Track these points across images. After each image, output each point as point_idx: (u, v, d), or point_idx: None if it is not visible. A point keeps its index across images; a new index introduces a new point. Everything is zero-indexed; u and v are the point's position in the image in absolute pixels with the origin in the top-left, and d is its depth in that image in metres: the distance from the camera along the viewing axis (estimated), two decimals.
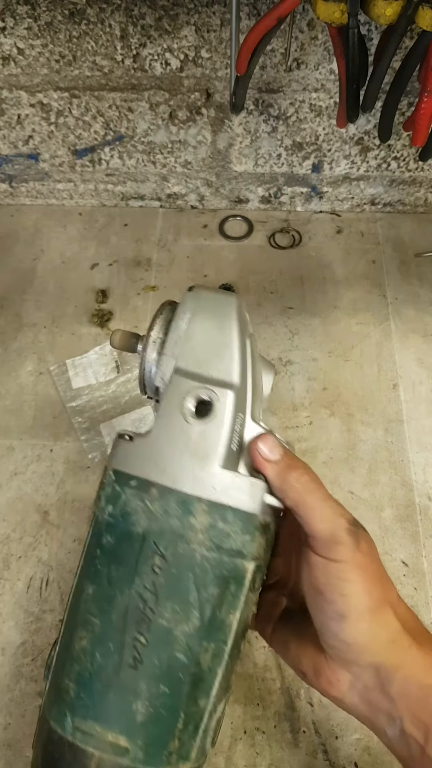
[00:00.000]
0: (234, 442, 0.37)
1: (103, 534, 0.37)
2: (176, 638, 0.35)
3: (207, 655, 0.36)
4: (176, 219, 0.85)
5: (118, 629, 0.36)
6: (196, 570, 0.35)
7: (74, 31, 0.64)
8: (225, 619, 0.36)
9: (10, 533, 0.61)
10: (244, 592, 0.37)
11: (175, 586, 0.35)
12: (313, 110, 0.71)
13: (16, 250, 0.82)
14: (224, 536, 0.36)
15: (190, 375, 0.38)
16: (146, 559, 0.36)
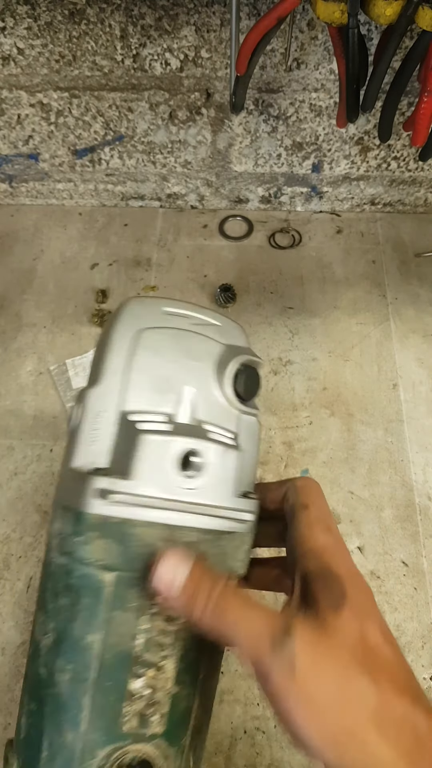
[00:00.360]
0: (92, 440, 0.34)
1: None
2: (40, 651, 0.33)
3: (64, 675, 0.32)
4: (176, 219, 0.85)
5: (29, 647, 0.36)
6: (52, 578, 0.33)
7: (74, 31, 0.64)
8: (81, 638, 0.32)
9: (10, 533, 0.61)
10: (103, 608, 0.32)
11: (42, 596, 0.34)
12: (313, 110, 0.71)
13: (16, 250, 0.82)
14: (63, 540, 0.33)
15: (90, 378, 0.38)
16: (42, 568, 0.35)
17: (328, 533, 0.34)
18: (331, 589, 0.31)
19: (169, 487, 0.32)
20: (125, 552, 0.31)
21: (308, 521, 0.34)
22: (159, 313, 0.37)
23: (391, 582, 0.58)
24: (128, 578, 0.32)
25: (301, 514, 0.35)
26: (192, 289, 0.78)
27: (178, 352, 0.36)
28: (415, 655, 0.54)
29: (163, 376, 0.35)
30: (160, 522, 0.32)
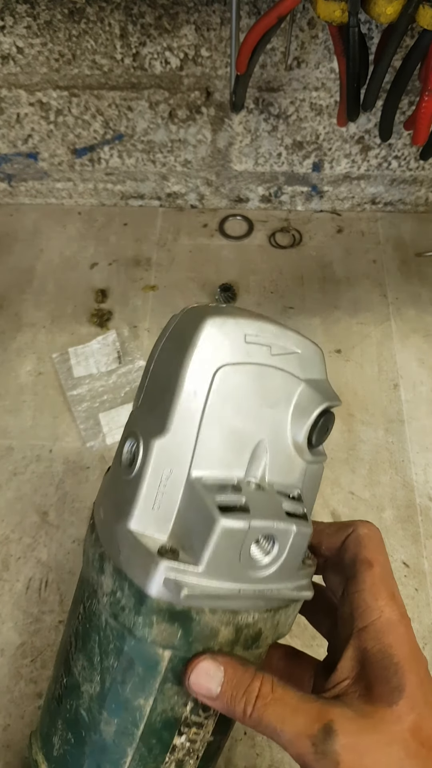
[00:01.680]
0: (157, 502, 0.31)
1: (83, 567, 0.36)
2: (82, 694, 0.33)
3: (109, 727, 0.32)
4: (176, 218, 0.85)
5: (59, 660, 0.36)
6: (101, 634, 0.32)
7: (74, 29, 0.63)
8: (131, 699, 0.32)
9: (9, 534, 0.61)
10: (158, 680, 0.31)
11: (85, 641, 0.33)
12: (314, 109, 0.70)
13: (15, 250, 0.82)
14: (120, 609, 0.31)
15: (138, 416, 0.33)
16: (78, 602, 0.34)
17: (392, 603, 0.32)
18: (388, 678, 0.29)
19: (240, 575, 0.30)
20: (187, 636, 0.31)
21: (372, 585, 0.32)
22: (240, 341, 0.32)
23: None
24: (186, 657, 0.31)
25: (365, 575, 0.32)
26: (192, 289, 0.77)
27: (256, 396, 0.32)
28: None
29: (239, 429, 0.32)
30: (226, 609, 0.31)
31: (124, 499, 0.31)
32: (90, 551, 0.33)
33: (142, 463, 0.30)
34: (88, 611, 0.33)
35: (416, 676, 0.29)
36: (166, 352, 0.33)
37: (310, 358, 0.35)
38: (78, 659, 0.33)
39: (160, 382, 0.32)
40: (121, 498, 0.32)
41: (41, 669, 0.54)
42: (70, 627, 0.35)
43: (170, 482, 0.31)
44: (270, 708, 0.29)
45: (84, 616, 0.33)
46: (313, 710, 0.29)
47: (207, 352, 0.31)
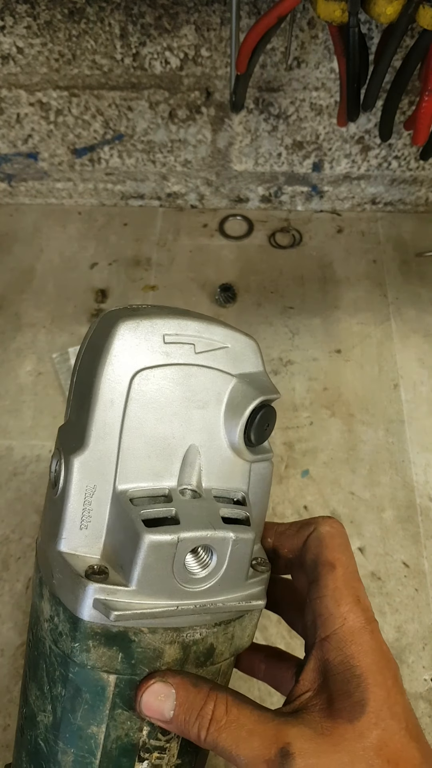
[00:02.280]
0: (83, 521, 0.29)
1: None
2: (38, 724, 0.31)
3: (67, 757, 0.31)
4: (176, 218, 0.85)
5: (22, 688, 0.34)
6: (47, 661, 0.31)
7: (74, 29, 0.63)
8: (83, 727, 0.30)
9: (9, 534, 0.61)
10: (107, 706, 0.30)
11: (35, 670, 0.32)
12: (314, 109, 0.70)
13: (15, 250, 0.82)
14: (58, 635, 0.30)
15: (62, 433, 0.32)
16: (30, 625, 0.33)
17: (356, 609, 0.30)
18: (350, 691, 0.28)
19: (177, 592, 0.29)
20: (128, 658, 0.29)
21: (334, 589, 0.30)
22: (157, 343, 0.30)
23: (391, 583, 0.58)
24: (133, 680, 0.30)
25: (327, 578, 0.31)
26: (192, 289, 0.77)
27: (180, 399, 0.30)
28: (416, 657, 0.54)
29: (163, 435, 0.30)
30: (167, 627, 0.29)
31: (53, 520, 0.30)
32: (35, 576, 0.32)
33: (65, 481, 0.29)
34: (35, 638, 0.31)
35: (381, 689, 0.28)
36: (84, 363, 0.31)
37: (242, 351, 0.33)
38: (32, 688, 0.32)
39: (80, 394, 0.30)
40: (50, 519, 0.30)
41: None
42: (26, 654, 0.34)
43: (95, 499, 0.29)
44: (224, 732, 0.28)
45: (33, 643, 0.32)
46: (269, 732, 0.27)
47: (121, 358, 0.29)
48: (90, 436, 0.29)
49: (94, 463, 0.29)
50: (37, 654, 0.31)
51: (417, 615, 0.56)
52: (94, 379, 0.29)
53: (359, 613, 0.30)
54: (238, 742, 0.27)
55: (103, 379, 0.29)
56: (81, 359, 0.32)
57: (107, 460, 0.29)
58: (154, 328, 0.30)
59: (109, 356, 0.29)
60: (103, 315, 0.32)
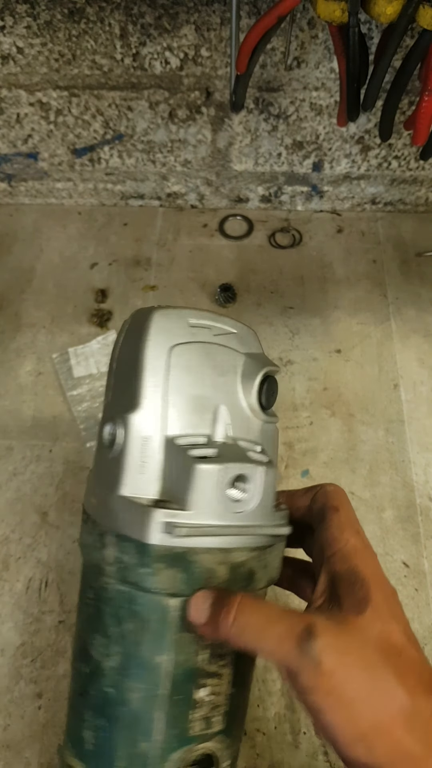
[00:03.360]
0: (143, 468, 0.35)
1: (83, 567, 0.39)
2: (105, 672, 0.35)
3: (135, 694, 0.34)
4: (176, 218, 0.85)
5: (76, 657, 0.38)
6: (112, 604, 0.35)
7: (74, 29, 0.63)
8: (150, 659, 0.34)
9: (9, 534, 0.61)
10: (171, 631, 0.34)
11: (99, 619, 0.35)
12: (314, 109, 0.70)
13: (15, 250, 0.82)
14: (127, 569, 0.34)
15: (111, 405, 0.38)
16: (85, 590, 0.37)
17: (357, 536, 0.35)
18: (355, 591, 0.32)
19: (224, 513, 0.34)
20: (188, 578, 0.34)
21: (339, 523, 0.36)
22: (186, 326, 0.37)
23: (391, 583, 0.57)
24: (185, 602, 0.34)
25: (332, 516, 0.36)
26: (192, 289, 0.77)
27: (208, 368, 0.37)
28: None
29: (198, 395, 0.36)
30: (218, 547, 0.34)
31: (113, 474, 0.35)
32: (88, 539, 0.36)
33: (124, 437, 0.35)
34: (98, 591, 0.35)
35: (382, 592, 0.32)
36: (126, 347, 0.38)
37: (246, 336, 0.40)
38: (94, 642, 0.35)
39: (125, 371, 0.37)
40: (110, 475, 0.35)
41: (41, 669, 0.54)
42: (80, 622, 0.37)
43: (150, 448, 0.35)
44: (253, 616, 0.32)
45: (94, 598, 0.36)
46: (293, 617, 0.31)
47: (160, 336, 0.36)
48: (143, 396, 0.35)
49: (148, 417, 0.35)
50: (100, 604, 0.35)
51: (417, 615, 0.56)
52: (140, 354, 0.36)
53: (359, 538, 0.35)
54: (265, 624, 0.31)
55: (148, 352, 0.36)
56: (120, 347, 0.39)
57: (157, 414, 0.35)
58: (181, 316, 0.38)
59: (150, 334, 0.36)
60: (134, 312, 0.39)
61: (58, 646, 0.55)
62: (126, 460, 0.35)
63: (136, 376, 0.35)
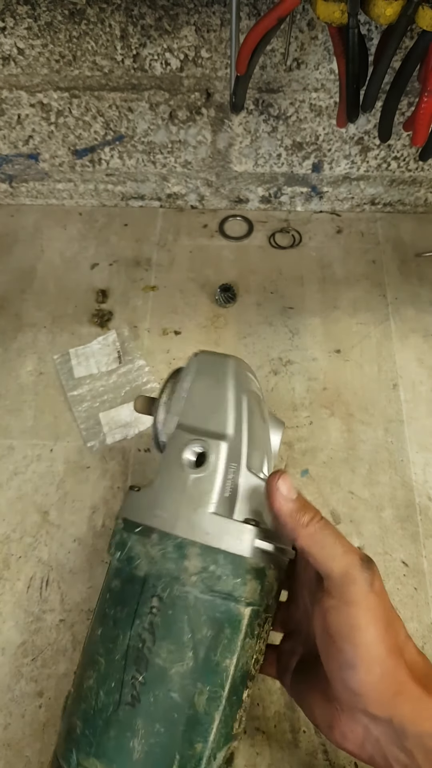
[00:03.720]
0: (227, 490, 0.40)
1: (113, 579, 0.40)
2: (171, 678, 0.36)
3: (202, 697, 0.37)
4: (176, 219, 0.85)
5: (120, 668, 0.37)
6: (190, 611, 0.37)
7: (74, 31, 0.64)
8: (220, 662, 0.37)
9: (10, 533, 0.61)
10: (241, 637, 0.38)
11: (170, 627, 0.37)
12: (313, 110, 0.71)
13: (15, 250, 0.82)
14: (215, 579, 0.37)
15: (190, 429, 0.42)
16: (146, 600, 0.38)
17: None
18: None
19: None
20: (262, 590, 0.39)
21: None
22: (248, 375, 0.46)
23: (391, 582, 0.58)
24: (258, 611, 0.39)
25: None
26: (192, 289, 0.78)
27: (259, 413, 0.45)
28: None
29: (259, 436, 0.45)
30: (281, 566, 0.41)
31: (200, 492, 0.39)
32: (154, 551, 0.39)
33: (214, 461, 0.40)
34: (169, 599, 0.38)
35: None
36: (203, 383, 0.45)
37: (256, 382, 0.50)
38: (160, 649, 0.37)
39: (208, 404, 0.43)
40: (197, 493, 0.39)
41: (42, 668, 0.54)
42: (132, 630, 0.38)
43: (233, 473, 0.41)
44: (328, 528, 0.37)
45: (162, 606, 0.38)
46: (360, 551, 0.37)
47: (239, 380, 0.44)
48: (230, 430, 0.42)
49: (234, 447, 0.41)
50: (172, 612, 0.37)
51: (416, 614, 0.56)
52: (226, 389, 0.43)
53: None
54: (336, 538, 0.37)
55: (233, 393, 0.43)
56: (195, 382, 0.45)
57: (240, 446, 0.42)
58: (246, 366, 0.48)
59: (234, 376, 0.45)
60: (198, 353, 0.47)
61: (59, 645, 0.55)
62: (216, 482, 0.39)
63: (223, 411, 0.42)
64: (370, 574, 0.35)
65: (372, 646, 0.34)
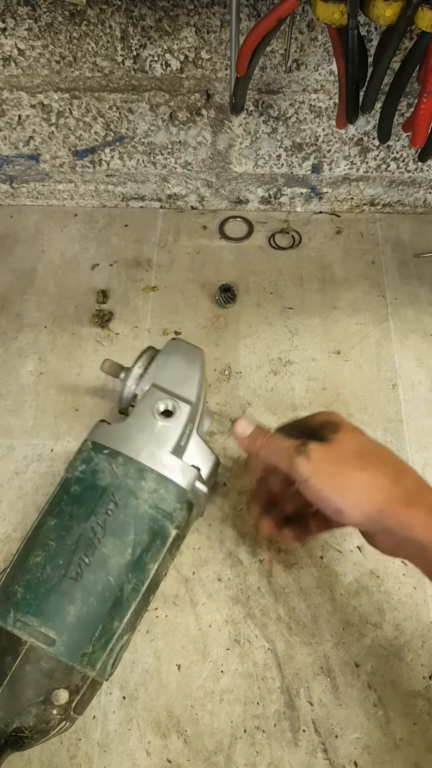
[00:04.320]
0: (183, 440, 0.53)
1: (72, 485, 0.50)
2: (110, 565, 0.47)
3: (128, 586, 0.47)
4: (176, 220, 0.85)
5: (69, 551, 0.47)
6: (137, 519, 0.48)
7: (75, 32, 0.64)
8: (147, 564, 0.49)
9: (11, 533, 0.61)
10: (165, 549, 0.50)
11: (119, 527, 0.48)
12: (313, 111, 0.71)
13: (16, 251, 0.82)
14: (162, 500, 0.49)
15: (163, 390, 0.54)
16: (103, 504, 0.48)
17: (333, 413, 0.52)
18: (331, 426, 0.48)
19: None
20: (187, 520, 0.52)
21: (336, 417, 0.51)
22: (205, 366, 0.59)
23: (390, 581, 0.58)
24: (179, 535, 0.51)
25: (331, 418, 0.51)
26: (192, 290, 0.78)
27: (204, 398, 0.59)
28: (414, 655, 0.55)
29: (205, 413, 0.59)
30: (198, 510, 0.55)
31: (165, 437, 0.51)
32: (118, 469, 0.50)
33: (179, 416, 0.53)
34: (123, 505, 0.48)
35: (350, 426, 0.48)
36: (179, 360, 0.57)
37: None
38: (108, 541, 0.47)
39: (181, 375, 0.56)
40: (163, 435, 0.52)
41: None
42: (86, 521, 0.47)
43: (189, 430, 0.53)
44: (275, 438, 0.48)
45: (116, 510, 0.48)
46: (295, 442, 0.46)
47: (202, 366, 0.58)
48: (195, 397, 0.54)
49: (193, 411, 0.54)
50: (123, 516, 0.48)
51: (415, 613, 0.56)
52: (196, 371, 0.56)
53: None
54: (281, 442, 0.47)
55: (202, 373, 0.57)
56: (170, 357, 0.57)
57: (197, 410, 0.55)
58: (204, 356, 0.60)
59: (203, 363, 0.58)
60: (175, 338, 0.60)
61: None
62: (178, 431, 0.52)
63: (192, 384, 0.55)
64: (304, 454, 0.44)
65: (336, 494, 0.43)
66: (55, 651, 0.44)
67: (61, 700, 0.44)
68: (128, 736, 0.52)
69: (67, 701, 0.44)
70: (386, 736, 0.52)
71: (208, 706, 0.53)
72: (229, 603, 0.57)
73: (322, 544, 0.60)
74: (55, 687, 0.44)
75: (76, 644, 0.44)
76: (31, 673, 0.43)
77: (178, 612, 0.57)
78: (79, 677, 0.45)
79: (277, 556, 0.59)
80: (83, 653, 0.45)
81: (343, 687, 0.54)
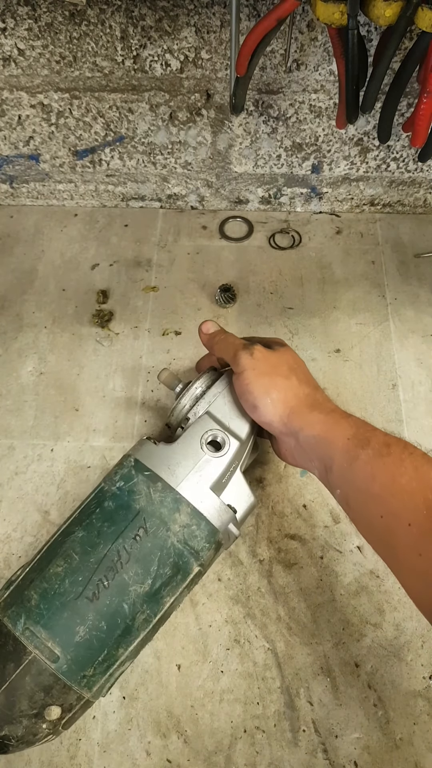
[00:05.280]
0: (225, 477, 0.51)
1: (107, 499, 0.49)
2: (129, 593, 0.46)
3: (141, 616, 0.46)
4: (176, 220, 0.85)
5: (91, 569, 0.46)
6: (164, 551, 0.47)
7: (75, 32, 0.64)
8: (164, 597, 0.47)
9: (11, 533, 0.61)
10: (184, 585, 0.48)
11: (144, 555, 0.47)
12: (313, 111, 0.71)
13: (16, 251, 0.82)
14: (192, 536, 0.48)
15: (216, 420, 0.53)
16: (134, 527, 0.47)
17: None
18: (280, 343, 0.55)
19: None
20: (211, 559, 0.51)
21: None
22: None
23: (390, 581, 0.58)
24: (201, 572, 0.50)
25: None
26: (192, 290, 0.78)
27: None
28: (414, 655, 0.55)
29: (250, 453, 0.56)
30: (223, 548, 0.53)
31: (208, 472, 0.50)
32: (155, 495, 0.48)
33: (227, 452, 0.51)
34: (153, 534, 0.47)
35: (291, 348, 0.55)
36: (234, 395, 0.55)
37: None
38: (130, 568, 0.46)
39: (236, 409, 0.54)
40: (207, 468, 0.50)
41: None
42: (113, 545, 0.47)
43: (233, 468, 0.52)
44: (230, 337, 0.55)
45: (144, 538, 0.47)
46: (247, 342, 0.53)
47: None
48: (245, 436, 0.53)
49: (241, 450, 0.52)
50: (150, 545, 0.47)
51: (415, 613, 0.56)
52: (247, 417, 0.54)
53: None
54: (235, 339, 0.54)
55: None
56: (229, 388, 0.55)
57: (245, 449, 0.53)
58: None
59: None
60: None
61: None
62: (223, 468, 0.51)
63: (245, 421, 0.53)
64: (248, 351, 0.51)
65: (259, 390, 0.49)
66: (56, 668, 0.43)
67: (53, 716, 0.44)
68: (128, 736, 0.52)
69: (59, 718, 0.44)
70: (386, 736, 0.52)
71: (208, 706, 0.53)
72: (229, 603, 0.57)
73: (322, 544, 0.60)
74: (50, 703, 0.44)
75: (78, 665, 0.44)
76: (30, 684, 0.43)
77: (178, 612, 0.57)
78: (75, 697, 0.45)
79: (277, 556, 0.60)
80: (83, 675, 0.44)
81: (343, 687, 0.54)
